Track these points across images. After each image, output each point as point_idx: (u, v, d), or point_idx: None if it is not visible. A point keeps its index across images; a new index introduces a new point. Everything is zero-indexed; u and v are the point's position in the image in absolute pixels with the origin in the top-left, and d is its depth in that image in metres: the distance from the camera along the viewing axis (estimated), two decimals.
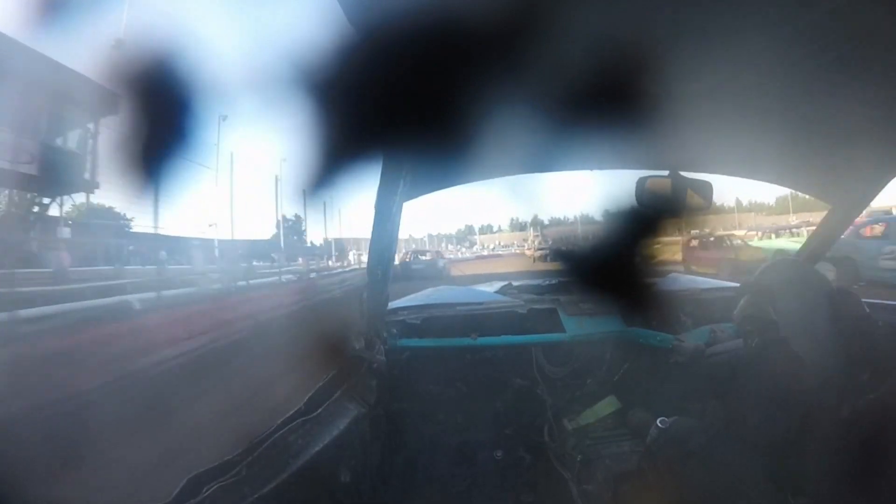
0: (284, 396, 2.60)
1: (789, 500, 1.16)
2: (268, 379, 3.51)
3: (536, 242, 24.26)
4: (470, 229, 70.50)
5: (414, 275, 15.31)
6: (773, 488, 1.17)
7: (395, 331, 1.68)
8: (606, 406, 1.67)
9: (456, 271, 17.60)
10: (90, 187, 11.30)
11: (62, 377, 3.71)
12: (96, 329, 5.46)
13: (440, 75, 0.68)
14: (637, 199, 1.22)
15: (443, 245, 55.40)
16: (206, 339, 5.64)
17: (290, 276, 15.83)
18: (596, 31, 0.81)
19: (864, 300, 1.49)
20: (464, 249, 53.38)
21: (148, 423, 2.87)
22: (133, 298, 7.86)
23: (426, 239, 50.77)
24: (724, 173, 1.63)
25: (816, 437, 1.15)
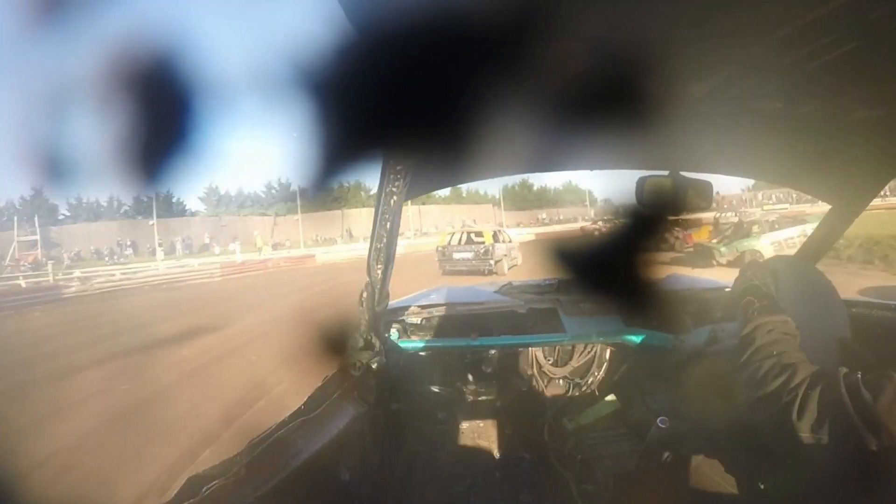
0: None
1: (787, 501, 1.16)
2: None
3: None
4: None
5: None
6: (770, 489, 1.17)
7: (395, 331, 1.68)
8: (606, 406, 1.68)
9: None
10: None
11: None
12: None
13: (440, 75, 0.68)
14: (637, 199, 1.22)
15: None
16: None
17: None
18: (597, 31, 0.81)
19: (864, 298, 1.49)
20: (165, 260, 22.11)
21: None
22: None
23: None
24: (724, 173, 1.63)
25: (814, 439, 1.14)
